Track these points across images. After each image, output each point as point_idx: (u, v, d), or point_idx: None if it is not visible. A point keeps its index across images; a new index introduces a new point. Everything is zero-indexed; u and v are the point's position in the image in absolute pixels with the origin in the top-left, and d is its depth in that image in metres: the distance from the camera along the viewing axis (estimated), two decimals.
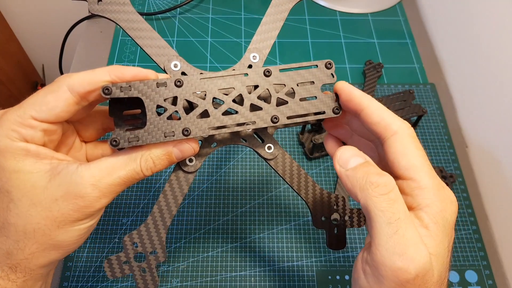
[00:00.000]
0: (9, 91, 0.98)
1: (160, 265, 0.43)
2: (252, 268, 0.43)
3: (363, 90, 0.56)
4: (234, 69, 0.28)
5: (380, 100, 0.50)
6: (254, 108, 0.26)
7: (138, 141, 0.24)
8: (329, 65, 0.27)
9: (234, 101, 0.26)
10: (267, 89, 0.27)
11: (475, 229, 0.47)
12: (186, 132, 0.25)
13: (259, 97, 0.26)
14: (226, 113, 0.26)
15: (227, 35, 0.63)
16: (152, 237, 0.26)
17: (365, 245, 0.25)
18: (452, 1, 0.60)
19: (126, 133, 0.24)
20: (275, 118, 0.26)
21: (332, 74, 0.27)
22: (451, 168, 0.51)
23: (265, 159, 0.29)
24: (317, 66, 0.27)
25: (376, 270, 0.21)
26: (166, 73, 0.27)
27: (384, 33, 0.65)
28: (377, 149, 0.29)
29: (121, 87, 0.24)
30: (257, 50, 0.28)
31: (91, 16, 0.64)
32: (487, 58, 0.51)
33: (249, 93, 0.26)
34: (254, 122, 0.26)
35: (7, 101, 0.97)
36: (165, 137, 0.24)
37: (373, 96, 0.55)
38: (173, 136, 0.25)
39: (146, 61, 0.59)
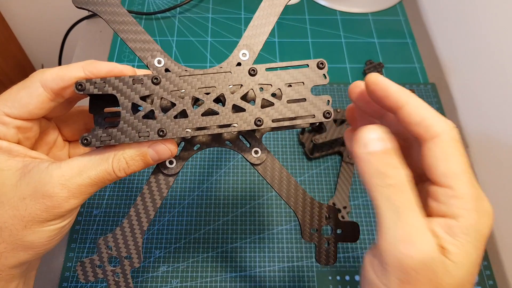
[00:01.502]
0: None
1: (135, 270, 0.42)
2: (253, 269, 0.43)
3: None
4: (221, 67, 0.26)
5: None
6: (237, 109, 0.25)
7: (110, 140, 0.23)
8: (321, 65, 0.25)
9: (216, 101, 0.25)
10: (252, 89, 0.25)
11: None
12: (161, 133, 0.23)
13: (243, 98, 0.25)
14: (207, 113, 0.24)
15: (227, 34, 0.63)
16: (127, 241, 0.25)
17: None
18: (453, 0, 0.59)
19: (99, 132, 0.23)
20: (259, 120, 0.24)
21: (324, 74, 0.25)
22: None
23: (252, 164, 0.27)
24: (308, 65, 0.25)
25: (381, 259, 0.21)
26: (149, 69, 0.26)
27: (385, 33, 0.65)
28: (413, 144, 0.25)
29: (95, 83, 0.23)
30: (247, 47, 0.27)
31: (91, 15, 0.64)
32: (488, 58, 0.51)
33: (232, 93, 0.25)
34: (235, 125, 0.24)
35: None
36: (139, 137, 0.23)
37: None
38: (148, 136, 0.23)
39: None
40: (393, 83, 0.23)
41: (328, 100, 0.25)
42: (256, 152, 0.27)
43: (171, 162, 0.26)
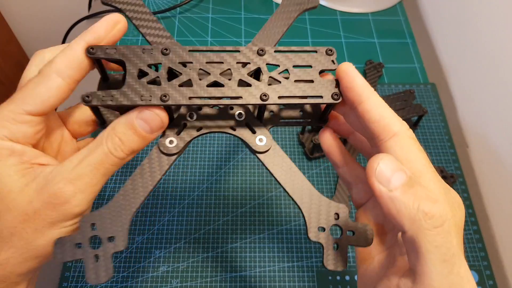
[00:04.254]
0: (9, 91, 0.97)
1: (118, 254, 0.40)
2: (252, 269, 0.43)
3: None
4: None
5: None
6: (243, 84, 0.24)
7: (111, 101, 0.22)
8: (330, 52, 0.25)
9: (222, 75, 0.24)
10: (259, 67, 0.24)
11: (476, 230, 0.47)
12: (164, 98, 0.22)
13: (250, 75, 0.24)
14: (212, 85, 0.24)
15: (227, 35, 0.63)
16: (113, 221, 0.22)
17: (395, 269, 0.22)
18: (453, 0, 0.59)
19: (100, 92, 0.22)
20: (265, 95, 0.23)
21: (332, 61, 0.25)
22: (452, 168, 0.51)
23: (255, 152, 0.25)
24: (316, 51, 0.25)
25: None
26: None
27: (385, 33, 0.65)
28: (372, 149, 0.25)
29: (106, 49, 0.23)
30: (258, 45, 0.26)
31: (91, 15, 0.64)
32: (488, 58, 0.51)
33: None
34: (240, 97, 0.23)
35: None
36: (141, 100, 0.22)
37: None
38: (150, 100, 0.22)
39: None
40: (360, 77, 0.23)
41: (337, 81, 0.24)
42: (261, 140, 0.25)
43: (171, 142, 0.25)
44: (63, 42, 0.67)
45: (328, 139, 0.27)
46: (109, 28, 0.23)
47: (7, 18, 0.94)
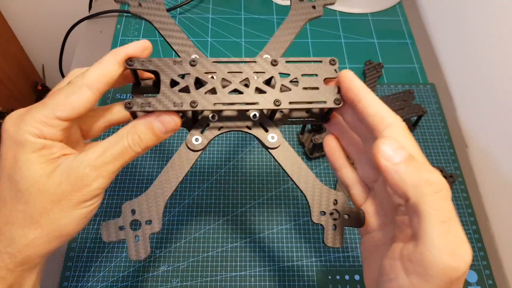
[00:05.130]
0: (9, 91, 0.98)
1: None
2: (252, 268, 0.43)
3: None
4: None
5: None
6: (259, 91, 0.28)
7: (149, 107, 0.26)
8: (333, 62, 0.29)
9: (241, 84, 0.28)
10: (273, 76, 0.28)
11: (475, 229, 0.47)
12: (193, 104, 0.26)
13: (265, 83, 0.28)
14: (233, 93, 0.28)
15: (227, 35, 0.63)
16: (150, 207, 0.27)
17: (397, 240, 0.24)
18: (452, 1, 0.60)
19: (139, 99, 0.26)
20: (277, 101, 0.27)
21: (335, 70, 0.29)
22: (451, 168, 0.51)
23: (267, 148, 0.30)
24: (321, 61, 0.29)
25: (423, 269, 0.21)
26: None
27: (384, 33, 0.65)
28: (365, 145, 0.29)
29: (142, 61, 0.27)
30: (269, 53, 0.31)
31: (91, 16, 0.64)
32: (487, 58, 0.51)
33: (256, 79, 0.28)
34: (257, 103, 0.27)
35: (7, 101, 0.97)
36: (174, 106, 0.26)
37: None
38: (182, 106, 0.26)
39: None
40: (358, 80, 0.27)
41: (338, 88, 0.28)
42: (272, 137, 0.29)
43: (196, 140, 0.29)
44: (63, 42, 0.67)
45: (332, 142, 0.31)
46: (139, 51, 0.27)
47: (7, 18, 0.95)
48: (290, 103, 0.28)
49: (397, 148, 0.23)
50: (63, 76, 0.76)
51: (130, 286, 0.42)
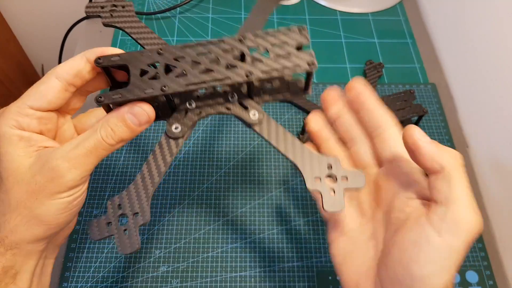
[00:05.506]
0: (8, 91, 0.97)
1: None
2: (252, 269, 0.43)
3: None
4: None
5: (380, 100, 0.49)
6: (230, 67, 0.28)
7: (120, 98, 0.26)
8: (302, 29, 0.29)
9: (211, 63, 0.28)
10: (243, 51, 0.28)
11: None
12: (164, 87, 0.26)
13: (234, 58, 0.28)
14: (203, 72, 0.27)
15: (227, 34, 0.63)
16: (135, 200, 0.27)
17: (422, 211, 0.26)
18: (453, 1, 0.59)
19: (110, 92, 0.26)
20: (249, 72, 0.27)
21: (305, 36, 0.28)
22: None
23: (249, 125, 0.29)
24: (290, 29, 0.29)
25: (457, 226, 0.24)
26: None
27: (385, 33, 0.65)
28: (353, 147, 0.31)
29: (110, 58, 0.27)
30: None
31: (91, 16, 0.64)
32: (488, 58, 0.51)
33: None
34: (228, 78, 0.27)
35: (7, 101, 0.96)
36: (145, 94, 0.26)
37: None
38: (152, 92, 0.26)
39: None
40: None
41: (311, 54, 0.28)
42: (253, 114, 0.29)
43: (176, 128, 0.29)
44: (63, 42, 0.67)
45: (318, 118, 0.33)
46: (109, 52, 0.28)
47: (7, 18, 0.94)
48: (263, 72, 0.27)
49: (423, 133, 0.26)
50: None
51: (130, 286, 0.42)
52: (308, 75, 0.29)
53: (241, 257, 0.44)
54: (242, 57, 0.28)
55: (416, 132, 0.25)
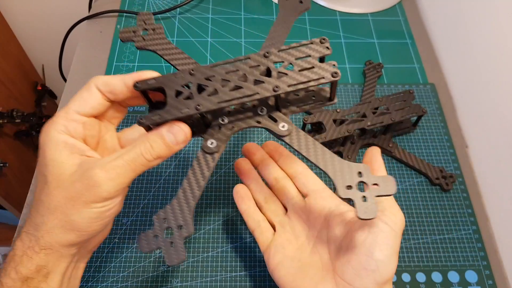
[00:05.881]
0: (9, 91, 0.98)
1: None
2: (253, 269, 0.43)
3: (363, 90, 0.56)
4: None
5: (380, 100, 0.50)
6: (257, 83, 0.29)
7: (159, 119, 0.28)
8: (323, 40, 0.30)
9: (240, 80, 0.29)
10: (269, 66, 0.29)
11: (475, 229, 0.47)
12: (198, 107, 0.28)
13: (261, 74, 0.29)
14: (233, 89, 0.29)
15: (227, 35, 0.63)
16: (179, 214, 0.28)
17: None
18: (452, 1, 0.60)
19: (149, 114, 0.28)
20: (276, 87, 0.28)
21: (327, 47, 0.30)
22: (451, 168, 0.51)
23: (280, 137, 0.31)
24: (312, 43, 0.30)
25: (394, 216, 0.31)
26: None
27: (384, 33, 0.65)
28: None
29: (147, 82, 0.29)
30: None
31: (91, 16, 0.64)
32: (487, 58, 0.51)
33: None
34: (257, 93, 0.28)
35: (7, 101, 0.97)
36: (181, 113, 0.28)
37: (373, 96, 0.55)
38: (188, 112, 0.28)
39: (145, 61, 0.60)
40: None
41: (334, 64, 0.29)
42: (283, 126, 0.31)
43: (211, 143, 0.30)
44: (63, 42, 0.67)
45: (242, 189, 0.39)
46: (146, 76, 0.30)
47: (7, 18, 0.95)
48: (289, 85, 0.28)
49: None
50: (63, 76, 0.76)
51: (130, 286, 0.42)
52: (333, 84, 0.30)
53: (241, 257, 0.44)
54: (269, 72, 0.29)
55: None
